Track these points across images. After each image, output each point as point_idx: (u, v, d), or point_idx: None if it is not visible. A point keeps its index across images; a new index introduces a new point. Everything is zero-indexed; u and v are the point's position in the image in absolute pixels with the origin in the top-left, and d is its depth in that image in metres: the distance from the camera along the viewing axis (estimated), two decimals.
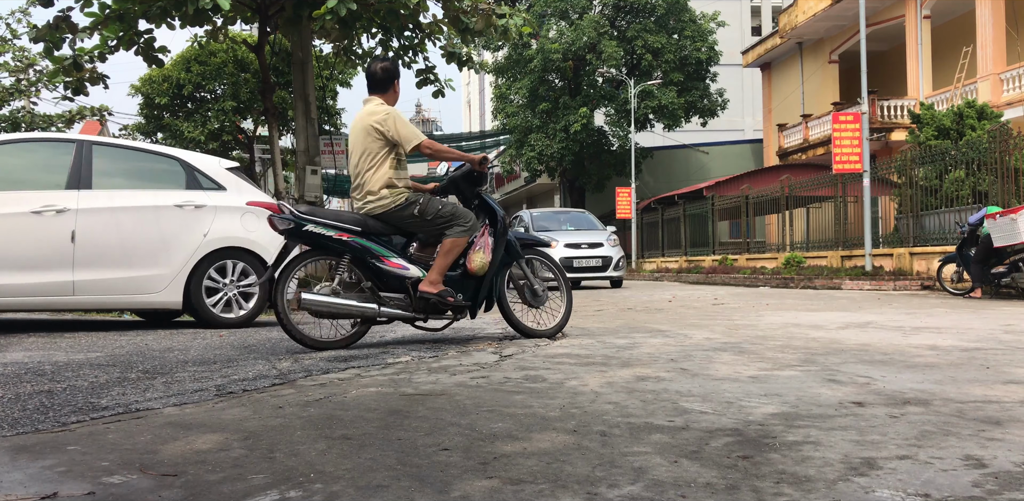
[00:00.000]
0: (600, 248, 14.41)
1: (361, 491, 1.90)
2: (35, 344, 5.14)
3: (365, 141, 4.80)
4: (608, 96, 28.81)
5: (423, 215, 4.77)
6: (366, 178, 4.78)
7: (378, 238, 4.74)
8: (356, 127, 4.90)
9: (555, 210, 18.41)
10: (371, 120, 4.79)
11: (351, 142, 4.96)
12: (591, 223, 16.13)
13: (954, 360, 4.11)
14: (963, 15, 21.02)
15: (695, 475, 2.02)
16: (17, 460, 2.23)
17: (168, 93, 14.44)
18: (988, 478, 1.99)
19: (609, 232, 15.10)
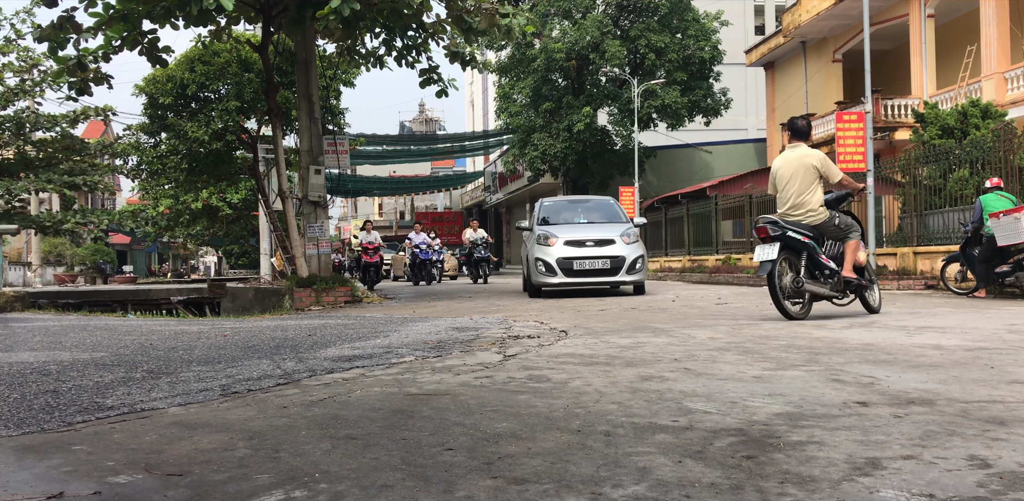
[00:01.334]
0: (610, 246, 11.48)
1: (366, 491, 1.91)
2: (40, 344, 5.15)
3: (805, 175, 6.84)
4: (611, 95, 28.78)
5: (839, 225, 6.87)
6: (806, 199, 6.83)
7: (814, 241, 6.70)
8: (794, 164, 6.95)
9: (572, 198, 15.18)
10: (809, 161, 6.87)
11: (785, 174, 7.00)
12: (613, 214, 13.08)
13: (958, 360, 4.10)
14: (967, 14, 20.97)
15: (699, 475, 2.02)
16: (23, 460, 2.24)
17: (172, 93, 14.43)
18: (993, 478, 1.98)
19: (629, 226, 12.27)
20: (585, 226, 12.51)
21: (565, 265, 11.24)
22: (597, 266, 11.38)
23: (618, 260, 11.43)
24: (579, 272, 11.34)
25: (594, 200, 14.10)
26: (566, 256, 11.28)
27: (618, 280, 11.47)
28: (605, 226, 12.27)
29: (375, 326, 6.67)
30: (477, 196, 47.84)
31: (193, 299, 14.86)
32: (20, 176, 20.91)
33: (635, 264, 11.47)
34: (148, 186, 21.03)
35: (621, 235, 11.66)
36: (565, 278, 11.20)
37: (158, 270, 59.06)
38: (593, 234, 11.73)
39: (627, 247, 11.51)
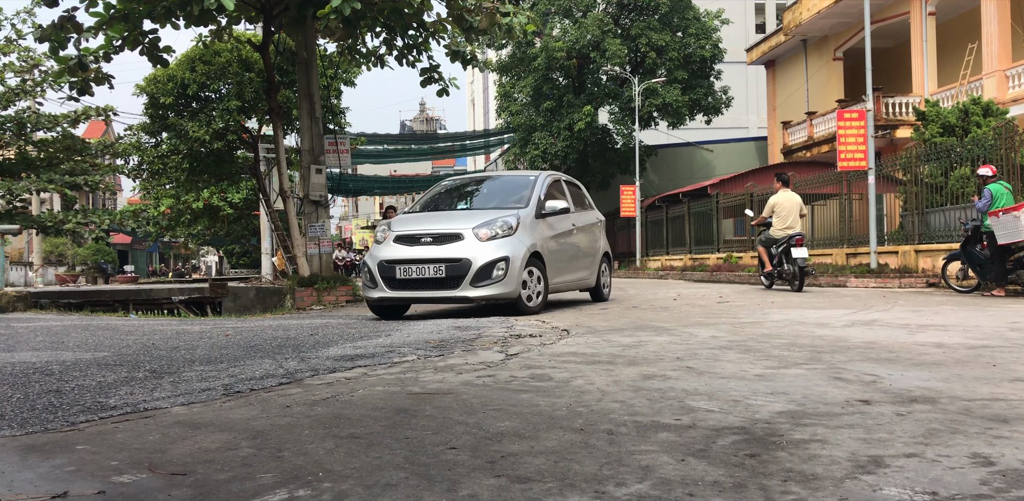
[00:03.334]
0: (453, 244, 7.45)
1: (369, 490, 1.91)
2: (43, 344, 5.16)
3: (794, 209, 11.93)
4: (612, 94, 28.78)
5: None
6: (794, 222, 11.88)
7: None
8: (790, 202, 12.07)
9: (479, 176, 10.24)
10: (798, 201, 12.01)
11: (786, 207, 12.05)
12: (518, 197, 8.44)
13: (961, 358, 4.10)
14: (968, 11, 20.95)
15: (702, 473, 2.02)
16: (27, 459, 2.24)
17: (173, 93, 14.45)
18: (996, 476, 1.99)
19: (514, 213, 7.83)
20: (446, 215, 8.32)
21: (387, 272, 7.50)
22: (427, 274, 7.34)
23: (458, 266, 7.28)
24: (403, 283, 7.45)
25: (507, 178, 9.55)
26: (389, 259, 7.54)
27: (459, 295, 7.30)
28: (475, 214, 8.02)
29: (377, 325, 6.68)
30: None
31: (195, 299, 14.87)
32: (21, 176, 20.93)
33: (490, 271, 7.25)
34: (149, 186, 21.05)
35: (482, 226, 7.51)
36: (388, 291, 7.50)
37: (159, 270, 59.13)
38: (438, 226, 7.74)
39: (482, 245, 7.37)
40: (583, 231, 9.18)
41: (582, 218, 9.29)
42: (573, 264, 8.88)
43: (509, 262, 7.37)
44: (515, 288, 7.38)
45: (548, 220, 8.32)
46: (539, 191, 8.46)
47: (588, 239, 9.34)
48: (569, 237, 8.79)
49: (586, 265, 9.24)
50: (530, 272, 7.69)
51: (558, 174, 9.46)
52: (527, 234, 7.77)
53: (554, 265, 8.24)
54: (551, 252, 8.19)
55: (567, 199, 9.01)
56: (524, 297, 7.57)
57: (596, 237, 9.68)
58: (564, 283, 8.70)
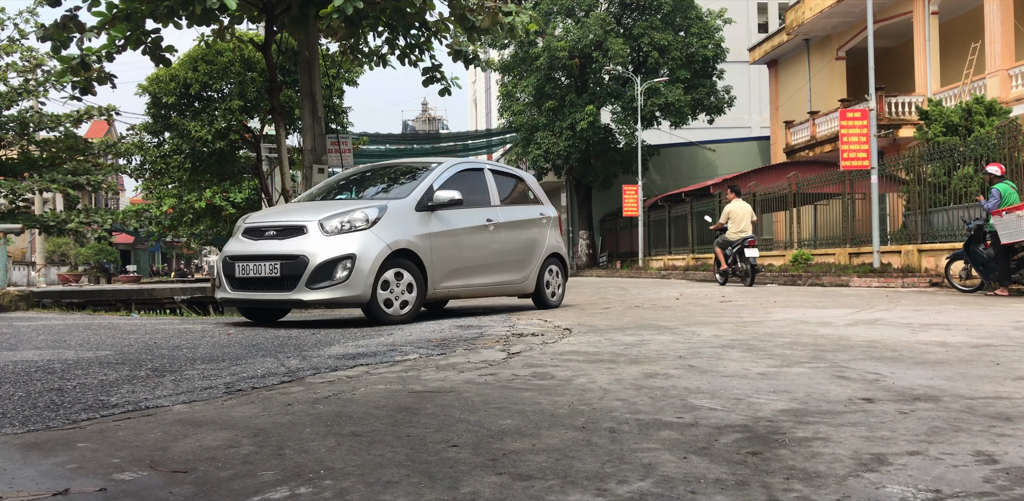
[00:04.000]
0: (294, 239, 6.46)
1: (371, 487, 1.90)
2: (45, 343, 5.16)
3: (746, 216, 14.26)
4: (614, 94, 28.77)
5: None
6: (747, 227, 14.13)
7: None
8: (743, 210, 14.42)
9: (383, 164, 8.75)
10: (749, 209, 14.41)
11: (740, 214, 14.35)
12: (408, 186, 7.33)
13: (964, 356, 4.09)
14: (971, 11, 20.92)
15: (705, 471, 2.02)
16: (29, 457, 2.24)
17: (175, 92, 14.46)
18: (999, 474, 1.98)
19: (382, 204, 6.77)
20: (307, 206, 7.28)
21: (228, 270, 6.67)
22: (263, 273, 6.41)
23: (294, 264, 6.28)
24: (243, 282, 6.57)
25: (406, 165, 8.23)
26: (232, 254, 6.70)
27: (292, 298, 6.30)
28: (337, 205, 7.01)
29: (379, 324, 6.67)
30: None
31: (197, 298, 14.89)
32: (24, 176, 20.95)
33: (331, 270, 6.21)
34: (151, 185, 21.07)
35: (330, 218, 6.49)
36: (229, 292, 6.68)
37: (161, 270, 59.21)
38: (287, 217, 6.82)
39: (326, 240, 6.34)
40: (514, 228, 8.03)
41: (512, 213, 8.10)
42: (490, 266, 7.69)
43: (355, 260, 6.25)
44: (363, 291, 6.26)
45: (440, 214, 7.12)
46: (432, 181, 7.27)
47: (522, 237, 8.15)
48: (481, 234, 7.59)
49: (517, 267, 8.04)
50: (398, 274, 6.56)
51: (482, 163, 8.43)
52: (392, 229, 6.61)
53: (446, 266, 7.10)
54: (440, 250, 7.02)
55: (488, 191, 7.94)
56: (382, 302, 6.43)
57: (537, 236, 8.41)
58: (470, 288, 7.51)
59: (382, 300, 6.46)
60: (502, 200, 8.11)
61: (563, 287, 8.98)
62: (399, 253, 6.61)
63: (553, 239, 8.70)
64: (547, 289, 8.55)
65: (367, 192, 7.81)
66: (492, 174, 8.20)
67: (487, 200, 7.89)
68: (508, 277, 7.96)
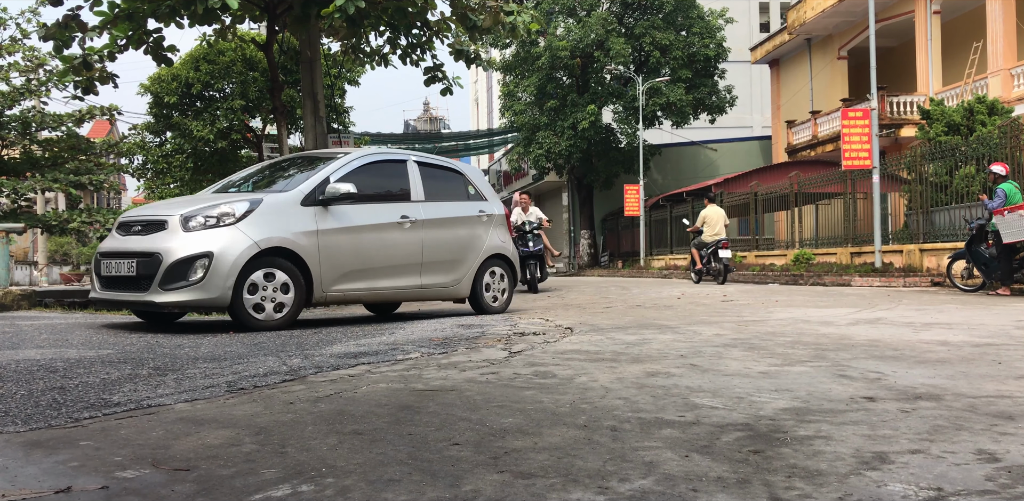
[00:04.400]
0: (155, 235, 5.96)
1: (373, 485, 1.91)
2: (47, 342, 5.16)
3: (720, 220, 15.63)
4: (616, 93, 28.76)
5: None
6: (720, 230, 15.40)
7: None
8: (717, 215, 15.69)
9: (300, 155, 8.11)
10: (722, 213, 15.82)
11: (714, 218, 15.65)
12: (302, 177, 6.75)
13: (965, 355, 4.09)
14: (973, 10, 20.90)
15: (706, 469, 2.02)
16: (31, 455, 2.24)
17: (177, 92, 14.49)
18: (1001, 472, 1.98)
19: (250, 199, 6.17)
20: (191, 199, 6.82)
21: (97, 267, 6.28)
22: (122, 271, 5.97)
23: (149, 262, 5.78)
24: (109, 281, 6.15)
25: (314, 156, 7.62)
26: (102, 251, 6.30)
27: (144, 300, 5.80)
28: (217, 198, 6.38)
29: (381, 323, 6.68)
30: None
31: None
32: (26, 175, 20.95)
33: (185, 270, 5.67)
34: (153, 185, 21.07)
35: (194, 212, 5.96)
36: (99, 291, 6.28)
37: None
38: (157, 211, 6.34)
39: (184, 237, 5.81)
40: (442, 226, 7.31)
41: (440, 210, 7.37)
42: (405, 267, 6.97)
43: (213, 260, 5.66)
44: (221, 294, 5.68)
45: (337, 209, 6.46)
46: (329, 173, 6.60)
47: (452, 236, 7.40)
48: (393, 232, 6.86)
49: (445, 269, 7.31)
50: (269, 275, 5.95)
51: (408, 154, 7.63)
52: (266, 225, 5.98)
53: (341, 267, 6.42)
54: (333, 249, 6.36)
55: (410, 185, 7.23)
56: (251, 306, 5.85)
57: (474, 235, 7.63)
58: (377, 291, 6.81)
59: (251, 304, 5.85)
60: (429, 195, 7.35)
61: (510, 291, 8.07)
62: (273, 252, 5.99)
63: (496, 239, 7.89)
64: (486, 293, 7.75)
65: (265, 183, 7.06)
66: (419, 167, 7.44)
67: (406, 195, 7.18)
68: (433, 280, 7.24)
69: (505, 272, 8.01)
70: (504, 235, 8.06)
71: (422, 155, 7.81)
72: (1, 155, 19.00)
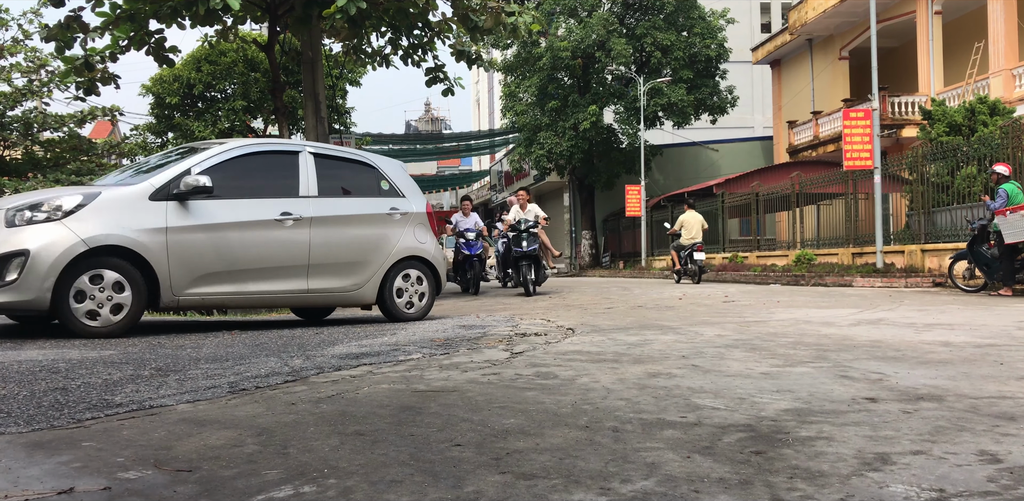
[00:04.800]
0: None
1: (375, 486, 1.91)
2: (49, 342, 5.17)
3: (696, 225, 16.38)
4: (617, 94, 28.75)
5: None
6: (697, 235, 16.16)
7: None
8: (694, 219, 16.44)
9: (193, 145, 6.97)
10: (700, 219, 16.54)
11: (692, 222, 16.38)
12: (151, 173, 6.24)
13: (967, 356, 4.09)
14: (974, 10, 20.88)
15: (708, 470, 2.02)
16: (33, 456, 2.24)
17: (179, 93, 14.50)
18: (1003, 473, 1.98)
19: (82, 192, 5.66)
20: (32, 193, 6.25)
21: None
22: None
23: None
24: None
25: (197, 146, 6.78)
26: None
27: None
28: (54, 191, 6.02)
29: (382, 324, 6.69)
30: (483, 195, 47.88)
31: None
32: (28, 176, 20.97)
33: (3, 270, 5.25)
34: None
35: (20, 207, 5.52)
36: None
37: None
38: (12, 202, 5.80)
39: (6, 233, 5.36)
40: (339, 224, 6.70)
41: (337, 206, 6.76)
42: (287, 269, 6.36)
43: (29, 258, 5.19)
44: (38, 296, 5.20)
45: (196, 205, 5.91)
46: (191, 164, 6.05)
47: (351, 236, 6.78)
48: (269, 230, 6.25)
49: (343, 271, 6.69)
50: (97, 277, 5.42)
51: (303, 144, 7.00)
52: (99, 220, 5.48)
53: (199, 268, 5.88)
54: (187, 249, 5.81)
55: (299, 179, 6.58)
56: (80, 311, 5.37)
57: (381, 234, 6.97)
58: (247, 296, 6.24)
59: (82, 310, 5.35)
60: (324, 190, 6.69)
61: (430, 297, 7.37)
62: (108, 250, 5.47)
63: (412, 239, 7.18)
64: (398, 299, 7.05)
65: (136, 177, 6.35)
66: (316, 159, 6.78)
67: (293, 190, 6.52)
68: (325, 284, 6.60)
69: (424, 275, 7.27)
70: (424, 235, 7.34)
71: (323, 146, 7.22)
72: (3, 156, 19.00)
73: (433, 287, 7.41)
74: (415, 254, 7.18)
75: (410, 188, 7.49)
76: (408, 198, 7.34)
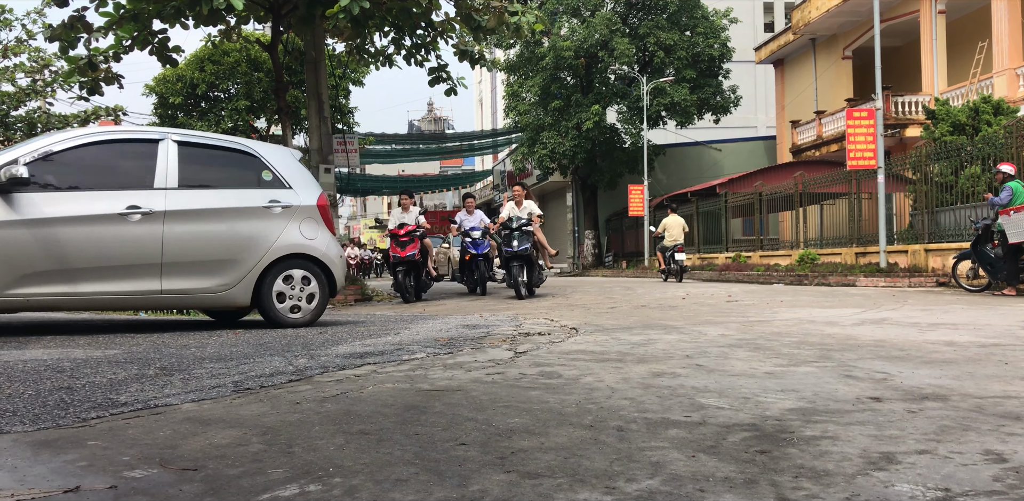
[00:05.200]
0: None
1: (380, 485, 1.91)
2: (54, 342, 5.18)
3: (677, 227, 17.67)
4: (620, 93, 28.74)
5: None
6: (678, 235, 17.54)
7: None
8: (675, 222, 17.79)
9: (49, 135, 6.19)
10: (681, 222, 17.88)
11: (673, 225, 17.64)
12: None
13: (972, 356, 4.08)
14: (978, 10, 20.85)
15: (713, 469, 2.02)
16: (39, 455, 2.25)
17: (182, 92, 14.52)
18: (1009, 473, 1.98)
19: None
20: None
21: None
22: None
23: None
24: None
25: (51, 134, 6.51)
26: None
27: None
28: None
29: (385, 324, 6.69)
30: (486, 195, 47.90)
31: None
32: None
33: None
34: None
35: None
36: None
37: None
38: None
39: None
40: (202, 219, 6.10)
41: (200, 199, 6.16)
42: (135, 268, 5.81)
43: None
44: None
45: (22, 198, 5.49)
46: (20, 154, 5.63)
47: (215, 232, 6.16)
48: (112, 226, 5.73)
49: (209, 271, 6.10)
50: None
51: (166, 132, 6.38)
52: None
53: (19, 267, 5.47)
54: (8, 246, 5.42)
55: (156, 170, 6.03)
56: None
57: (250, 230, 6.29)
58: (80, 297, 5.75)
59: None
60: (187, 182, 6.12)
61: (321, 300, 6.63)
62: None
63: (297, 235, 6.48)
64: (278, 303, 6.38)
65: None
66: (180, 148, 6.18)
67: (148, 181, 5.96)
68: (183, 284, 6.01)
69: (312, 275, 6.55)
70: (314, 231, 6.60)
71: (194, 134, 6.63)
72: None
73: (325, 288, 6.63)
74: (301, 252, 6.48)
75: (300, 179, 6.76)
76: (295, 190, 6.62)
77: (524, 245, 10.52)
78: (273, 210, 6.41)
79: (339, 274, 6.74)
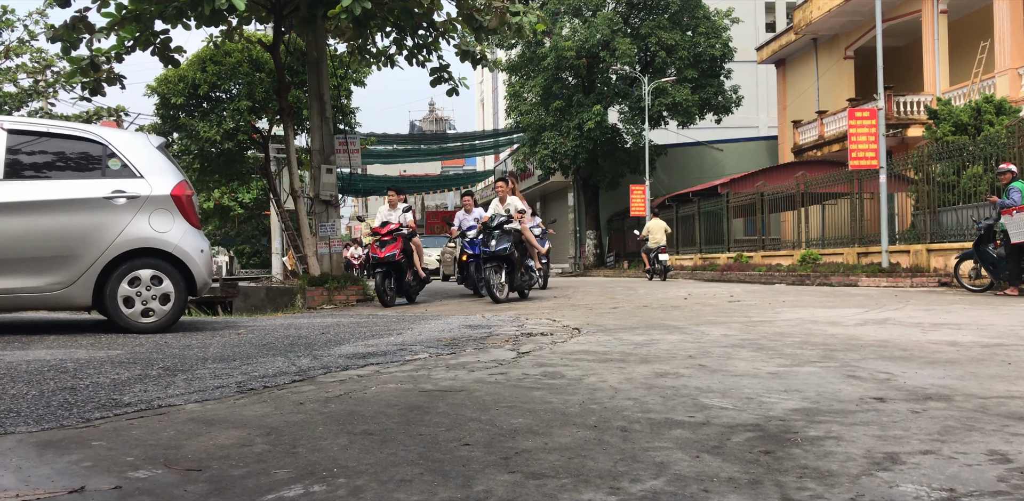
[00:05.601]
0: None
1: (384, 485, 1.91)
2: (56, 342, 5.18)
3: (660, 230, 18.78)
4: (622, 93, 28.72)
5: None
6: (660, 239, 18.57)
7: None
8: (656, 226, 18.96)
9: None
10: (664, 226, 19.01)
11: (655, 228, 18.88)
12: None
13: (975, 356, 4.08)
14: (980, 10, 20.83)
15: (717, 470, 2.02)
16: (44, 455, 2.25)
17: (184, 93, 14.50)
18: (1013, 473, 1.97)
19: None
20: None
21: None
22: None
23: None
24: None
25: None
26: None
27: None
28: None
29: (388, 324, 6.69)
30: (487, 195, 47.90)
31: (205, 298, 14.93)
32: None
33: None
34: None
35: None
36: None
37: None
38: None
39: None
40: (19, 212, 5.57)
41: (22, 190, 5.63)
42: None
43: None
44: None
45: None
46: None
47: (44, 225, 5.64)
48: None
49: (35, 269, 5.62)
50: None
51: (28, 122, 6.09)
52: None
53: None
54: None
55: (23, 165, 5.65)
56: None
57: (86, 223, 5.74)
58: None
59: None
60: (14, 172, 5.64)
61: (177, 301, 6.01)
62: None
63: (146, 228, 5.88)
64: (124, 307, 5.82)
65: None
66: (9, 136, 5.71)
67: None
68: (9, 283, 5.58)
69: (165, 274, 5.94)
70: (167, 223, 5.97)
71: (27, 121, 6.18)
72: None
73: (182, 287, 6.00)
74: (150, 247, 5.87)
75: (155, 166, 6.07)
76: (146, 178, 5.97)
77: (503, 244, 9.52)
78: (116, 201, 5.82)
79: (199, 271, 6.09)
